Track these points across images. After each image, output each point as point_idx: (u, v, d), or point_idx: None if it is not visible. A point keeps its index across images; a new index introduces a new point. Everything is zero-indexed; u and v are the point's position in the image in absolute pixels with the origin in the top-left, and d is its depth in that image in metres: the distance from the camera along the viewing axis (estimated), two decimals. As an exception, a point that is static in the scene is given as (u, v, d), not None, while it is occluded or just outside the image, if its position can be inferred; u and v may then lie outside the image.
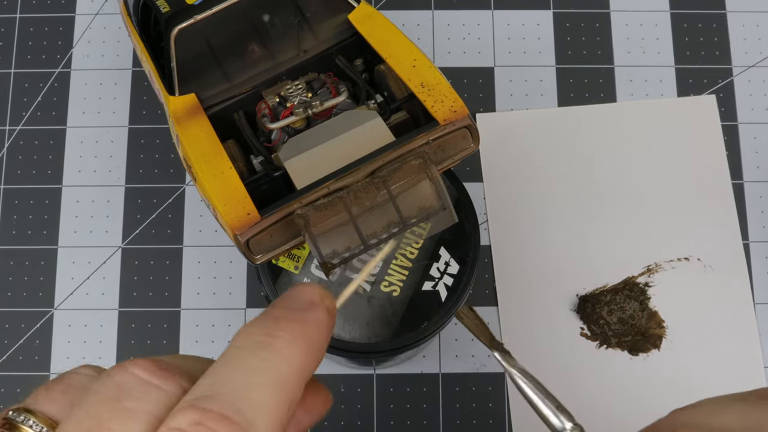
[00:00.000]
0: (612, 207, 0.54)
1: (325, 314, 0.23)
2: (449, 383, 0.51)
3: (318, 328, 0.22)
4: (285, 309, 0.23)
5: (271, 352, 0.21)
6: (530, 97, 0.56)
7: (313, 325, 0.22)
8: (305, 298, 0.23)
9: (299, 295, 0.23)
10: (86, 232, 0.53)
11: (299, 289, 0.23)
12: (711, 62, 0.57)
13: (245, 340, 0.21)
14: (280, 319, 0.22)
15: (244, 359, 0.21)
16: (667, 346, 0.51)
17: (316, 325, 0.22)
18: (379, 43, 0.38)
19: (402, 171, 0.33)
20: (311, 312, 0.23)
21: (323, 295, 0.23)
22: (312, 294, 0.23)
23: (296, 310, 0.22)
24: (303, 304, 0.23)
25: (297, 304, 0.23)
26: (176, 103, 0.39)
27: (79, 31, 0.57)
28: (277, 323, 0.22)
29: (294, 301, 0.23)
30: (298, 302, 0.23)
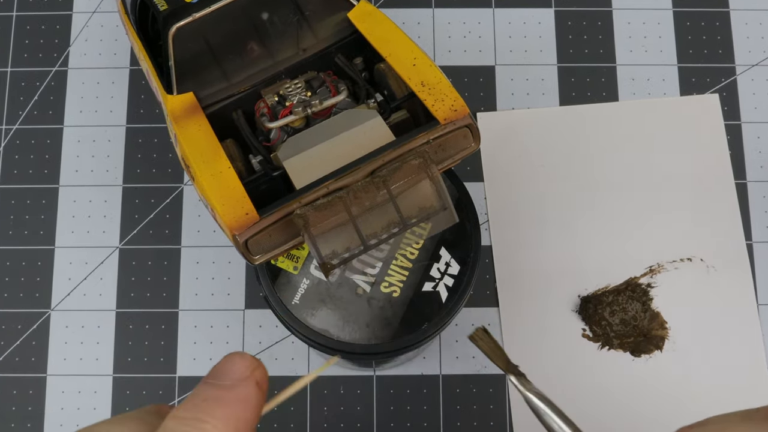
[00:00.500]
0: (614, 207, 0.54)
1: (253, 390, 0.24)
2: (450, 385, 0.51)
3: (246, 406, 0.23)
4: (213, 387, 0.23)
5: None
6: (531, 96, 0.56)
7: (241, 404, 0.23)
8: (235, 371, 0.24)
9: (230, 369, 0.24)
10: (83, 233, 0.53)
11: (230, 361, 0.24)
12: (714, 61, 0.57)
13: (174, 424, 0.22)
14: (208, 401, 0.23)
15: None
16: (669, 348, 0.51)
17: (244, 403, 0.23)
18: (378, 42, 0.38)
19: (402, 170, 0.33)
20: (240, 389, 0.23)
21: (254, 368, 0.24)
22: (242, 367, 0.24)
23: (225, 389, 0.23)
24: (233, 379, 0.24)
25: (227, 378, 0.24)
26: (174, 102, 0.39)
27: (76, 30, 0.57)
28: (204, 407, 0.23)
29: (224, 375, 0.24)
30: (228, 376, 0.24)
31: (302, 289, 0.38)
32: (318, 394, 0.50)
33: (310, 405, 0.50)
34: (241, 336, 0.52)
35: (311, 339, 0.37)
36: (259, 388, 0.24)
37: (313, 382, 0.51)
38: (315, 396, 0.50)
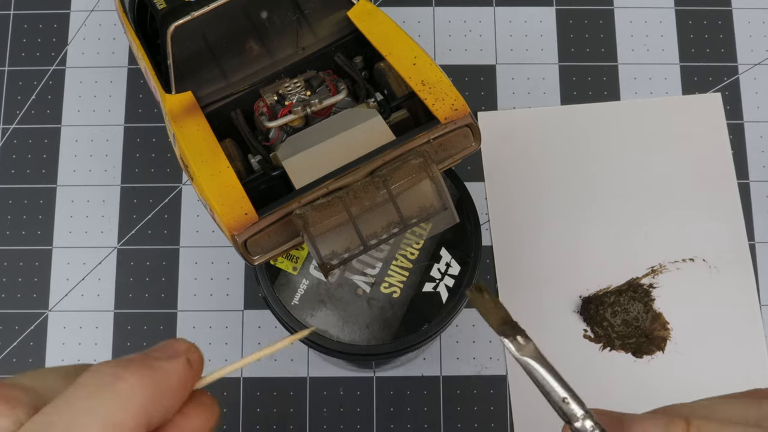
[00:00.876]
0: (615, 207, 0.54)
1: (182, 365, 0.23)
2: (450, 386, 0.51)
3: (169, 376, 0.23)
4: (142, 354, 0.23)
5: (110, 394, 0.22)
6: (532, 96, 0.56)
7: (164, 373, 0.23)
8: (170, 349, 0.24)
9: (165, 346, 0.24)
10: (81, 233, 0.53)
11: (168, 342, 0.24)
12: (716, 60, 0.57)
13: (91, 378, 0.22)
14: (133, 362, 0.23)
15: (82, 398, 0.21)
16: (671, 349, 0.51)
17: (168, 373, 0.23)
18: (378, 41, 0.38)
19: (402, 170, 0.33)
20: (170, 361, 0.23)
21: (189, 349, 0.24)
22: (178, 346, 0.24)
23: (153, 358, 0.23)
24: (165, 353, 0.24)
25: (159, 353, 0.24)
26: (173, 102, 0.39)
27: (74, 28, 0.57)
28: (128, 366, 0.22)
29: (158, 350, 0.24)
30: (161, 352, 0.24)
31: (302, 289, 0.38)
32: (317, 395, 0.50)
33: (309, 406, 0.50)
34: (240, 337, 0.52)
35: (311, 340, 0.37)
36: (189, 366, 0.24)
37: (313, 383, 0.51)
38: (314, 397, 0.50)
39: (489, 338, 0.51)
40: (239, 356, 0.51)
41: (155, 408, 0.22)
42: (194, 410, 0.24)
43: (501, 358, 0.51)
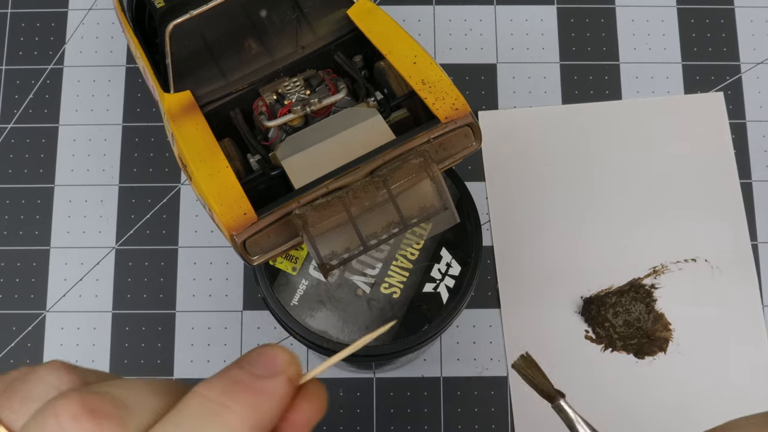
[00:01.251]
0: (617, 207, 0.54)
1: (284, 386, 0.23)
2: (451, 387, 0.51)
3: (273, 401, 0.22)
4: (245, 373, 0.23)
5: (217, 426, 0.21)
6: (533, 95, 0.56)
7: (268, 397, 0.22)
8: (271, 363, 0.23)
9: (265, 359, 0.23)
10: (79, 233, 0.53)
11: (266, 352, 0.24)
12: (718, 59, 0.57)
13: (198, 406, 0.22)
14: (238, 384, 0.22)
15: (190, 427, 0.21)
16: (673, 350, 0.51)
17: (273, 397, 0.22)
18: (378, 39, 0.38)
19: (402, 170, 0.33)
20: (271, 381, 0.23)
21: (289, 363, 0.23)
22: (277, 360, 0.23)
23: (256, 377, 0.23)
24: (265, 369, 0.23)
25: (259, 368, 0.23)
26: (171, 101, 0.39)
27: (71, 27, 0.57)
28: (233, 390, 0.22)
29: (257, 364, 0.23)
30: (261, 366, 0.23)
31: (301, 290, 0.38)
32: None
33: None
34: (239, 338, 0.52)
35: (310, 341, 0.37)
36: (291, 385, 0.23)
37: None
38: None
39: (489, 339, 0.51)
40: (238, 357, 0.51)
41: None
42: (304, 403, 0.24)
43: (501, 359, 0.51)
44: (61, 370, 0.23)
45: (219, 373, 0.23)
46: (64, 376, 0.23)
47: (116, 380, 0.23)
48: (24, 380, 0.23)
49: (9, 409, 0.22)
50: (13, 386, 0.22)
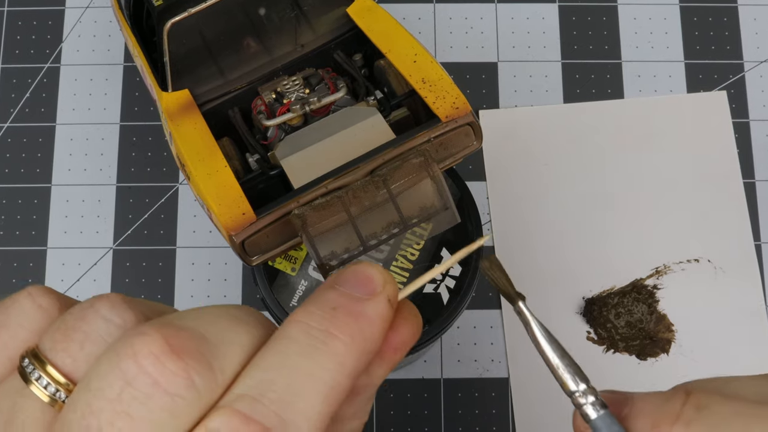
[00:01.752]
0: (619, 207, 0.54)
1: (385, 307, 0.21)
2: (451, 389, 0.51)
3: (376, 325, 0.21)
4: (343, 296, 0.21)
5: (325, 356, 0.20)
6: (535, 93, 0.56)
7: (371, 322, 0.21)
8: (366, 282, 0.21)
9: (360, 278, 0.21)
10: (76, 233, 0.53)
11: (360, 270, 0.22)
12: (722, 57, 0.57)
13: (300, 333, 0.20)
14: (338, 310, 0.20)
15: (296, 359, 0.19)
16: (676, 351, 0.51)
17: (376, 321, 0.21)
18: (378, 38, 0.38)
19: (402, 169, 0.33)
20: (371, 304, 0.21)
21: (386, 281, 0.22)
22: (373, 278, 0.21)
23: (356, 300, 0.21)
24: (362, 290, 0.21)
25: (356, 289, 0.21)
26: (169, 100, 0.39)
27: (69, 25, 0.57)
28: (334, 317, 0.20)
29: (352, 285, 0.21)
30: (358, 287, 0.21)
31: (300, 290, 0.38)
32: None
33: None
34: (238, 339, 0.52)
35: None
36: (391, 307, 0.21)
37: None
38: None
39: (491, 340, 0.51)
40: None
41: (365, 361, 0.21)
42: (403, 324, 0.22)
43: (503, 360, 0.51)
44: (120, 302, 0.21)
45: (313, 298, 0.21)
46: (123, 309, 0.20)
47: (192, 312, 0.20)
48: (82, 318, 0.20)
49: (66, 354, 0.20)
50: (70, 326, 0.20)
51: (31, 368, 0.20)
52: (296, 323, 0.20)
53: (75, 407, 0.19)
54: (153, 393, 0.18)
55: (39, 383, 0.20)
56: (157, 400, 0.18)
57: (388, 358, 0.22)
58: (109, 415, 0.18)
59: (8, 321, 0.21)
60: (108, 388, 0.18)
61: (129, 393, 0.18)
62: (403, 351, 0.22)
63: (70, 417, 0.19)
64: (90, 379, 0.19)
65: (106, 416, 0.18)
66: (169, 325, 0.19)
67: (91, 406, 0.18)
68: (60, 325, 0.20)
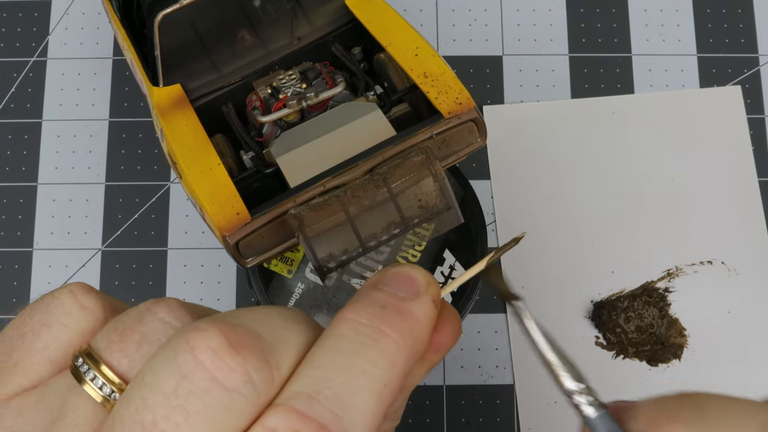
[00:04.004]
0: (629, 206, 0.54)
1: (431, 307, 0.22)
2: (454, 396, 0.51)
3: (424, 325, 0.22)
4: (390, 296, 0.22)
5: (378, 353, 0.20)
6: (541, 88, 0.56)
7: (419, 321, 0.22)
8: (410, 283, 0.22)
9: (403, 279, 0.22)
10: (64, 234, 0.54)
11: (403, 272, 0.23)
12: (736, 50, 0.57)
13: (350, 331, 0.21)
14: (387, 308, 0.21)
15: (350, 357, 0.20)
16: (688, 356, 0.51)
17: (423, 321, 0.22)
18: (378, 30, 0.38)
19: (403, 168, 0.33)
20: (418, 303, 0.22)
21: (429, 282, 0.22)
22: (417, 278, 0.22)
23: (403, 300, 0.22)
24: (408, 289, 0.22)
25: (402, 288, 0.22)
26: (160, 95, 0.39)
27: (55, 17, 0.57)
28: (384, 315, 0.21)
29: (397, 284, 0.22)
30: (402, 288, 0.22)
31: (297, 294, 0.38)
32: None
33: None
34: (232, 344, 0.52)
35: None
36: (435, 307, 0.22)
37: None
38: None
39: (495, 345, 0.51)
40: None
41: (415, 360, 0.21)
42: (445, 326, 0.23)
43: (508, 366, 0.51)
44: (178, 307, 0.21)
45: (360, 297, 0.22)
46: (181, 312, 0.21)
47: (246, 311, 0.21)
48: (139, 320, 0.21)
49: (122, 354, 0.20)
50: (128, 327, 0.21)
51: (85, 368, 0.20)
52: (346, 320, 0.21)
53: (129, 402, 0.19)
54: (210, 388, 0.19)
55: (94, 383, 0.20)
56: (214, 396, 0.19)
57: (429, 358, 0.23)
58: (165, 410, 0.18)
59: (49, 320, 0.22)
60: (164, 382, 0.19)
61: (185, 387, 0.18)
62: (444, 352, 0.23)
63: (123, 413, 0.19)
64: (145, 373, 0.19)
65: (161, 411, 0.18)
66: (226, 322, 0.20)
67: (146, 401, 0.19)
68: (117, 326, 0.21)
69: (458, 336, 0.24)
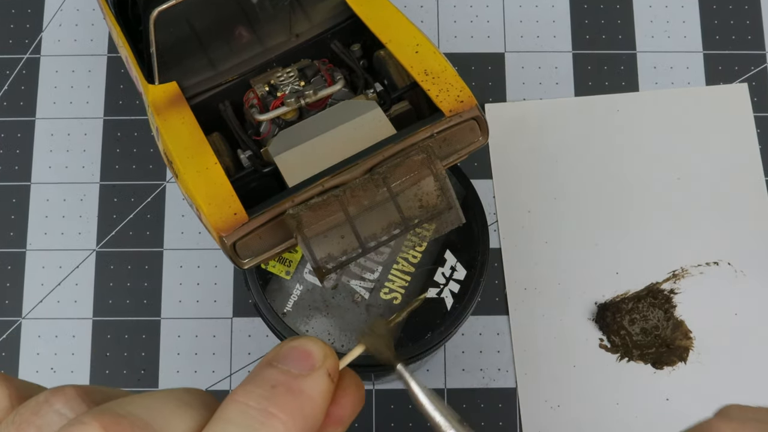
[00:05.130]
0: (634, 206, 0.54)
1: (325, 383, 0.22)
2: (456, 399, 0.51)
3: (317, 402, 0.22)
4: (282, 374, 0.22)
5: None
6: (544, 86, 0.56)
7: (311, 399, 0.22)
8: (305, 358, 0.23)
9: (298, 354, 0.23)
10: (57, 234, 0.54)
11: (299, 346, 0.23)
12: (742, 47, 0.57)
13: (238, 415, 0.21)
14: (278, 388, 0.22)
15: None
16: (694, 359, 0.51)
17: (316, 398, 0.22)
18: (378, 27, 0.38)
19: (404, 167, 0.33)
20: (311, 379, 0.22)
21: (325, 356, 0.23)
22: (312, 353, 0.23)
23: (295, 377, 0.22)
24: (302, 365, 0.22)
25: (295, 365, 0.22)
26: (156, 93, 0.39)
27: (49, 14, 0.57)
28: (274, 395, 0.21)
29: (291, 361, 0.22)
30: (297, 364, 0.22)
31: (295, 295, 0.38)
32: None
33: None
34: (229, 346, 0.52)
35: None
36: (331, 381, 0.23)
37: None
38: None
39: (497, 348, 0.51)
40: (228, 368, 0.51)
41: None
42: (344, 397, 0.23)
43: (510, 370, 0.51)
44: (75, 396, 0.22)
45: (252, 377, 0.22)
46: (77, 402, 0.22)
47: (138, 397, 0.22)
48: (36, 412, 0.22)
49: None
50: (24, 419, 0.22)
51: None
52: (234, 403, 0.21)
53: None
54: None
55: None
56: None
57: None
58: None
59: None
60: None
61: None
62: (346, 424, 0.24)
63: None
64: None
65: None
66: (111, 413, 0.20)
67: None
68: (15, 418, 0.21)
69: (360, 406, 0.24)
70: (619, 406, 0.50)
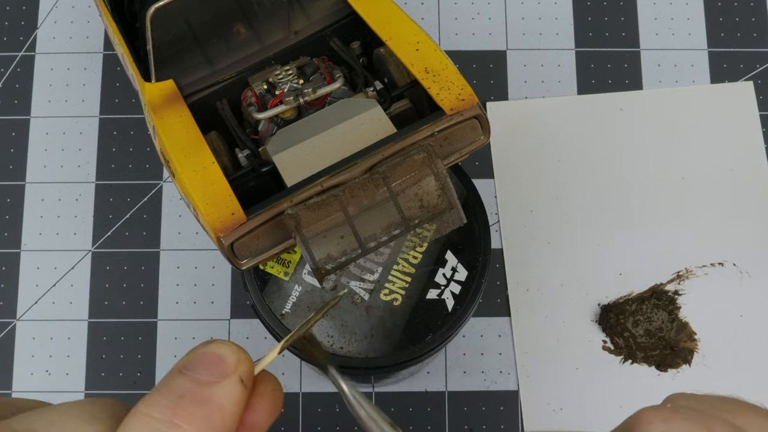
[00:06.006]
0: (637, 206, 0.54)
1: (237, 389, 0.22)
2: (456, 402, 0.51)
3: (227, 410, 0.22)
4: (191, 382, 0.22)
5: None
6: (547, 84, 0.56)
7: (220, 407, 0.21)
8: (216, 364, 0.22)
9: (209, 360, 0.22)
10: (52, 234, 0.53)
11: (210, 351, 0.22)
12: (748, 45, 0.57)
13: (141, 426, 0.21)
14: (185, 398, 0.21)
15: None
16: (699, 361, 0.51)
17: (226, 406, 0.22)
18: (378, 24, 0.38)
19: (404, 166, 0.33)
20: (222, 387, 0.22)
21: (238, 360, 0.22)
22: (224, 359, 0.22)
23: (203, 384, 0.22)
24: (212, 373, 0.22)
25: (205, 372, 0.22)
26: (153, 91, 0.39)
27: (44, 11, 0.57)
28: (179, 406, 0.21)
29: (202, 368, 0.22)
30: (207, 370, 0.22)
31: (294, 296, 0.38)
32: (311, 412, 0.50)
33: (302, 424, 0.50)
34: (227, 348, 0.52)
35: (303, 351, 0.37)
36: (243, 387, 0.22)
37: (306, 398, 0.51)
38: (308, 414, 0.50)
39: (499, 350, 0.51)
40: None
41: None
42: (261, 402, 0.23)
43: (512, 372, 0.51)
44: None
45: (160, 386, 0.22)
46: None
47: (42, 411, 0.21)
48: None
49: None
50: None
51: None
52: (137, 415, 0.21)
53: None
54: None
55: None
56: None
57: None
58: None
59: None
60: None
61: None
62: (262, 430, 0.23)
63: None
64: None
65: None
66: (8, 430, 0.20)
67: None
68: None
69: (277, 412, 0.23)
70: (622, 409, 0.50)
